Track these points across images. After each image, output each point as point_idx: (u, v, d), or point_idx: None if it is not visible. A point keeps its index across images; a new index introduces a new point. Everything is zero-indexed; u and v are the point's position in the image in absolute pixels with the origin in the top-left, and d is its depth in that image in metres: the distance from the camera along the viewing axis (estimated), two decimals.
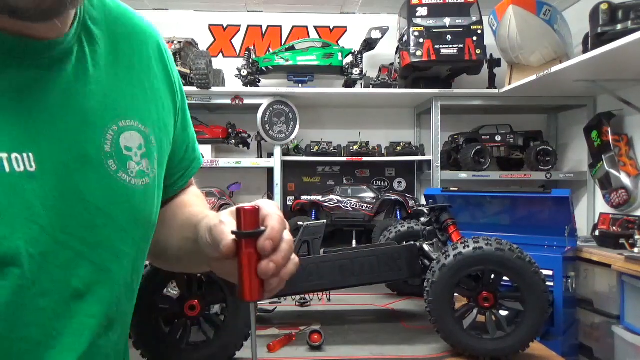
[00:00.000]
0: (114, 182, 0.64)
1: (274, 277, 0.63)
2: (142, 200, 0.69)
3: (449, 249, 1.30)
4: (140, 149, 0.68)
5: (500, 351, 1.26)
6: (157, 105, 0.73)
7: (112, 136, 0.64)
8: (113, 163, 0.64)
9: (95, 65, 0.64)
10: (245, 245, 0.62)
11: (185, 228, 0.79)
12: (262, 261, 0.62)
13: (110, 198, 0.64)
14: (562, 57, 2.78)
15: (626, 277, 2.22)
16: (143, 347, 1.16)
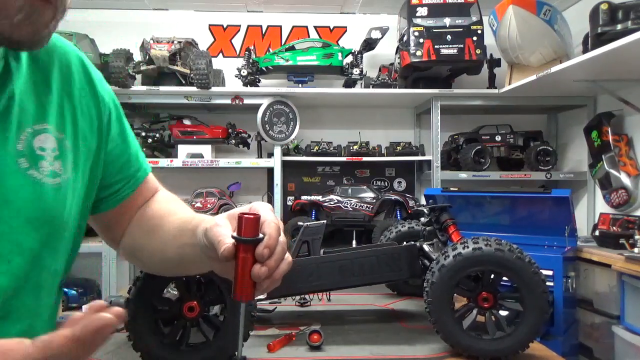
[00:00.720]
0: (24, 178, 0.69)
1: (266, 280, 0.68)
2: (53, 198, 0.73)
3: (449, 249, 1.30)
4: (54, 152, 0.73)
5: (500, 351, 1.26)
6: (74, 114, 0.79)
7: (26, 137, 0.70)
8: (25, 161, 0.69)
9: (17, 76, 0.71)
10: (243, 250, 0.67)
11: (180, 235, 0.83)
12: (255, 265, 0.67)
13: (18, 193, 0.68)
14: (562, 57, 2.78)
15: (626, 277, 2.22)
16: (142, 349, 1.16)
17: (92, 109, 0.83)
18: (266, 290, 0.71)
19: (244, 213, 0.68)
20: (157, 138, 3.13)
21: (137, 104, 3.21)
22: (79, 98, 0.81)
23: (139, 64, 3.02)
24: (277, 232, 0.69)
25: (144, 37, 3.02)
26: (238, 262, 0.67)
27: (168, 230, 0.87)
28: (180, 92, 3.08)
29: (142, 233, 0.92)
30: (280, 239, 0.70)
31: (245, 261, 0.67)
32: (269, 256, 0.67)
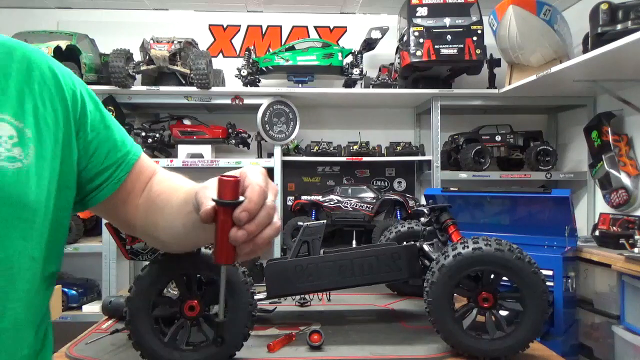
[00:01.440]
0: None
1: (246, 244, 0.67)
2: (13, 181, 0.77)
3: (449, 249, 1.30)
4: (11, 139, 0.78)
5: (500, 351, 1.26)
6: (35, 106, 0.84)
7: None
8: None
9: None
10: (221, 213, 0.66)
11: (185, 205, 0.85)
12: (232, 228, 0.66)
13: None
14: (562, 57, 2.78)
15: (626, 277, 2.22)
16: (143, 348, 1.16)
17: (57, 103, 0.87)
18: (249, 254, 0.70)
19: (224, 176, 0.67)
20: (157, 138, 3.13)
21: (137, 104, 3.21)
22: (40, 91, 0.85)
23: (139, 64, 3.02)
24: (260, 196, 0.68)
25: (144, 37, 3.02)
26: (217, 225, 0.66)
27: (176, 203, 0.90)
28: (180, 92, 3.08)
29: (152, 212, 0.95)
30: (267, 202, 0.69)
31: (224, 224, 0.66)
32: (248, 220, 0.66)
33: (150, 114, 3.45)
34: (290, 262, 1.42)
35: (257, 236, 0.68)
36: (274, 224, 0.70)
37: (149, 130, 3.16)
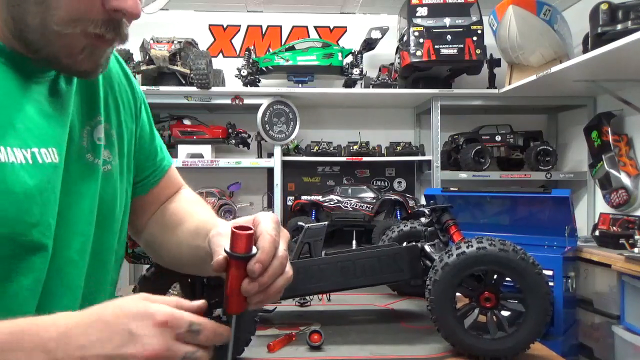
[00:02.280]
0: (93, 172, 0.78)
1: (258, 294, 0.68)
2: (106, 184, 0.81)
3: (452, 248, 1.30)
4: (101, 141, 0.81)
5: (501, 351, 1.26)
6: (117, 104, 0.86)
7: (87, 133, 0.78)
8: (90, 156, 0.78)
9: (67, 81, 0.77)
10: (234, 266, 0.66)
11: (195, 237, 0.86)
12: (245, 280, 0.67)
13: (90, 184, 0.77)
14: (562, 57, 2.78)
15: (626, 277, 2.22)
16: None
17: (130, 99, 0.91)
18: (261, 304, 0.70)
19: (238, 227, 0.67)
20: None
21: None
22: (119, 89, 0.88)
23: (139, 64, 3.01)
24: (272, 247, 0.68)
25: (144, 37, 3.02)
26: (229, 276, 0.66)
27: (186, 230, 0.91)
28: (180, 92, 3.08)
29: (161, 229, 0.97)
30: (279, 252, 0.70)
31: (235, 276, 0.66)
32: (261, 272, 0.67)
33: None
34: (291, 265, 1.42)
35: (269, 287, 0.68)
36: (286, 274, 0.71)
37: None
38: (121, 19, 0.69)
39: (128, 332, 0.55)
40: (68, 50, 0.67)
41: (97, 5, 0.66)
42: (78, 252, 0.75)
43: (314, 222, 3.03)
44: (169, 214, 0.98)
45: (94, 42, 0.68)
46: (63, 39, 0.66)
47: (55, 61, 0.68)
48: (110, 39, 0.69)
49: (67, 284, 0.73)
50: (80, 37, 0.66)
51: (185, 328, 0.57)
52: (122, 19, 0.69)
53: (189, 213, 0.95)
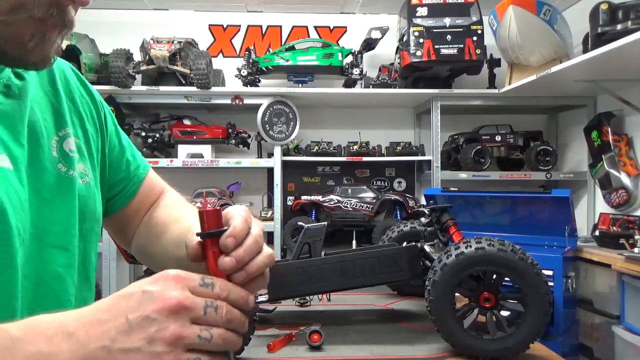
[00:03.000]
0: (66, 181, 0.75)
1: (239, 272, 0.64)
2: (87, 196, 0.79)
3: (451, 248, 1.30)
4: (75, 154, 0.79)
5: (501, 352, 1.26)
6: (81, 118, 0.85)
7: (57, 143, 0.76)
8: (62, 166, 0.76)
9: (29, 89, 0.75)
10: (208, 245, 0.64)
11: (179, 246, 0.83)
12: (220, 256, 0.64)
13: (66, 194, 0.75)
14: (562, 57, 2.78)
15: (626, 277, 2.22)
16: None
17: (93, 111, 0.88)
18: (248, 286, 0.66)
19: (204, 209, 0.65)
20: (157, 138, 3.13)
21: (137, 104, 3.21)
22: (81, 102, 0.85)
23: (139, 64, 3.02)
24: (244, 224, 0.66)
25: (144, 37, 3.02)
26: (207, 259, 0.64)
27: (169, 239, 0.89)
28: (180, 92, 3.08)
29: (147, 240, 0.95)
30: (253, 231, 0.66)
31: (213, 256, 0.64)
32: (236, 245, 0.64)
33: (150, 114, 3.45)
34: (291, 265, 1.42)
35: (249, 264, 0.65)
36: (266, 252, 0.67)
37: (149, 130, 3.16)
38: (67, 4, 0.67)
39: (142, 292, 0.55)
40: (17, 39, 0.64)
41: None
42: (64, 267, 0.73)
43: (314, 222, 3.03)
44: (152, 224, 0.96)
45: (41, 28, 0.65)
46: (9, 28, 0.63)
47: (3, 54, 0.65)
48: (53, 25, 0.66)
49: (56, 300, 0.72)
50: (28, 23, 0.64)
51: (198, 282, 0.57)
52: (68, 5, 0.67)
53: (170, 222, 0.92)
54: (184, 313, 0.54)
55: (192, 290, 0.56)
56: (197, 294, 0.56)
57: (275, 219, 3.16)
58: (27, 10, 0.63)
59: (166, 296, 0.54)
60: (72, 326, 0.52)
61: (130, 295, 0.55)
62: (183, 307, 0.54)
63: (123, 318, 0.53)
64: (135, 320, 0.53)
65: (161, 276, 0.56)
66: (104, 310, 0.54)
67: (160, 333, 0.52)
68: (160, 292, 0.54)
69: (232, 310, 0.58)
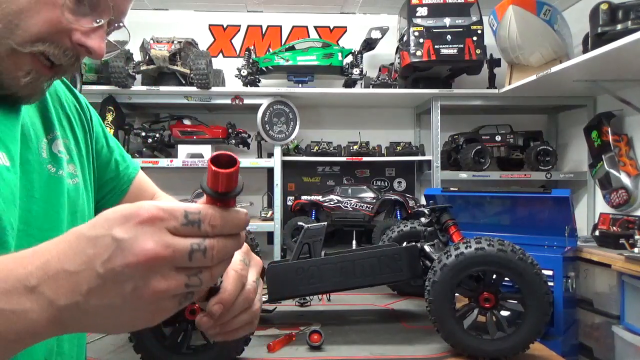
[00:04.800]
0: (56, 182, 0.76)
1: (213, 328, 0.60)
2: (76, 196, 0.80)
3: (451, 248, 1.30)
4: (65, 155, 0.80)
5: (501, 352, 1.26)
6: (69, 121, 0.86)
7: (46, 146, 0.77)
8: (52, 166, 0.76)
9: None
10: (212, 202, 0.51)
11: None
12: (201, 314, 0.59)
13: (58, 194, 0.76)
14: (562, 57, 2.78)
15: (626, 277, 2.22)
16: (144, 351, 1.16)
17: (81, 114, 0.90)
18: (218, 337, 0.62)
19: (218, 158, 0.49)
20: (157, 138, 3.13)
21: (137, 104, 3.21)
22: (68, 105, 0.87)
23: (139, 64, 3.02)
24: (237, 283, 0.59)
25: (144, 37, 3.02)
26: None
27: None
28: (180, 92, 3.08)
29: None
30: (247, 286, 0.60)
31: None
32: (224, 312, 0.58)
33: (150, 114, 3.45)
34: (291, 265, 1.42)
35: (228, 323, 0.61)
36: (251, 309, 0.62)
37: (149, 130, 3.16)
38: (82, 53, 0.69)
39: (112, 240, 0.45)
40: (13, 69, 0.66)
41: (64, 36, 0.67)
42: None
43: (314, 222, 3.03)
44: None
45: (41, 69, 0.68)
46: (13, 57, 0.65)
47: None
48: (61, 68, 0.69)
49: None
50: (29, 58, 0.66)
51: (181, 220, 0.46)
52: (83, 55, 0.70)
53: None
54: (163, 264, 0.45)
55: (173, 231, 0.46)
56: (181, 235, 0.46)
57: (275, 219, 3.16)
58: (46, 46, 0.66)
59: (139, 249, 0.44)
60: (34, 278, 0.45)
61: (97, 240, 0.45)
62: (162, 259, 0.44)
63: (92, 271, 0.45)
64: (107, 274, 0.44)
65: (133, 215, 0.45)
66: (70, 257, 0.46)
67: (139, 291, 0.45)
68: (132, 243, 0.44)
69: (225, 245, 0.48)
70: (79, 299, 0.45)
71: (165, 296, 0.46)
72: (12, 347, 0.47)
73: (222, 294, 0.58)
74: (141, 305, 0.46)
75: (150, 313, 0.47)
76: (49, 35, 0.66)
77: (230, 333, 0.62)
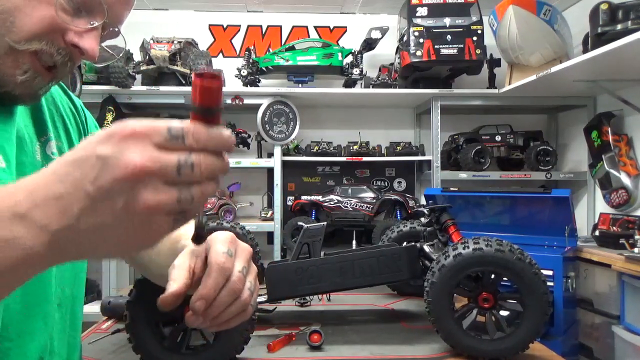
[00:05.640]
0: None
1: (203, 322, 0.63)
2: None
3: (449, 249, 1.30)
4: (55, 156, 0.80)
5: (500, 352, 1.26)
6: (64, 124, 0.87)
7: (40, 148, 0.78)
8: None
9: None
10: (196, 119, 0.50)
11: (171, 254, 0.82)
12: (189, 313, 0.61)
13: None
14: (562, 57, 2.78)
15: (626, 277, 2.22)
16: (143, 351, 1.16)
17: (76, 116, 0.91)
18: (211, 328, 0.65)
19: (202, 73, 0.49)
20: None
21: (137, 104, 3.21)
22: (63, 108, 0.87)
23: (139, 64, 3.02)
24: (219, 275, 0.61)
25: (144, 37, 3.02)
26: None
27: (162, 249, 0.87)
28: (180, 92, 3.08)
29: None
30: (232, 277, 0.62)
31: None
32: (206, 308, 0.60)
33: (150, 114, 3.44)
34: (291, 265, 1.42)
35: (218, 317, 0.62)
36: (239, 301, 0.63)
37: None
38: (76, 54, 0.70)
39: (97, 158, 0.44)
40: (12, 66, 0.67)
41: (58, 35, 0.68)
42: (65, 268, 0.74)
43: (314, 222, 3.03)
44: None
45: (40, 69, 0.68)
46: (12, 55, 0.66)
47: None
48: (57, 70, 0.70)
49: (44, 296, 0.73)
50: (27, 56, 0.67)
51: (164, 135, 0.45)
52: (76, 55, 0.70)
53: None
54: (152, 178, 0.44)
55: (159, 145, 0.45)
56: (167, 149, 0.45)
57: (275, 219, 3.16)
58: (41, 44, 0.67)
59: (125, 162, 0.43)
60: (23, 205, 0.45)
61: (82, 161, 0.45)
62: (149, 172, 0.43)
63: (82, 191, 0.44)
64: (96, 193, 0.44)
65: (114, 132, 0.45)
66: (57, 181, 0.45)
67: (130, 206, 0.44)
68: (116, 157, 0.43)
69: (213, 162, 0.47)
70: (72, 221, 0.44)
71: (158, 211, 0.44)
72: (11, 280, 0.47)
73: (202, 289, 0.60)
74: (135, 222, 0.45)
75: (145, 231, 0.46)
76: (43, 34, 0.66)
77: (222, 324, 0.63)
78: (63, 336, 0.79)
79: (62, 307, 0.78)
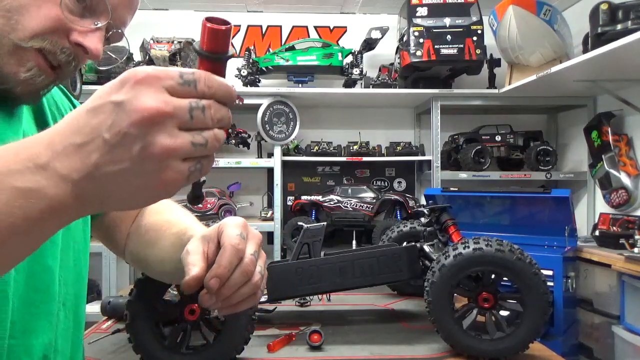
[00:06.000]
0: None
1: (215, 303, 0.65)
2: None
3: (449, 249, 1.30)
4: None
5: (500, 352, 1.26)
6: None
7: None
8: None
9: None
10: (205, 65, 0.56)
11: (175, 252, 0.83)
12: (203, 291, 0.63)
13: None
14: (562, 57, 2.78)
15: (626, 277, 2.22)
16: (143, 351, 1.16)
17: None
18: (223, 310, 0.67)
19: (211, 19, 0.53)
20: None
21: None
22: (65, 110, 0.87)
23: (138, 64, 3.02)
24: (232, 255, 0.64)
25: (144, 37, 3.02)
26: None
27: (164, 245, 0.88)
28: None
29: (141, 246, 0.94)
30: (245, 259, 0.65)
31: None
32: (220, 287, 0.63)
33: None
34: (291, 265, 1.42)
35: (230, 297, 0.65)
36: (251, 283, 0.65)
37: None
38: (80, 54, 0.70)
39: (112, 105, 0.45)
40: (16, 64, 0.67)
41: (62, 35, 0.68)
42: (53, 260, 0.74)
43: (313, 222, 3.03)
44: (144, 230, 0.95)
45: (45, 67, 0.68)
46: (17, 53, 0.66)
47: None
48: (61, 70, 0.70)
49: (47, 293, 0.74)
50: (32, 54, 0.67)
51: (177, 79, 0.46)
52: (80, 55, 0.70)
53: (163, 228, 0.92)
54: (167, 121, 0.45)
55: (171, 90, 0.46)
56: (178, 95, 0.46)
57: (275, 219, 3.16)
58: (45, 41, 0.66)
59: (140, 106, 0.44)
60: (43, 156, 0.46)
61: (98, 109, 0.46)
62: (164, 114, 0.45)
63: (99, 139, 0.45)
64: (114, 138, 0.44)
65: (127, 78, 0.46)
66: (74, 131, 0.46)
67: (148, 150, 0.45)
68: (132, 102, 0.44)
69: (220, 109, 0.50)
70: (91, 169, 0.45)
71: (174, 155, 0.46)
72: (38, 232, 0.48)
73: (217, 268, 0.62)
74: (152, 167, 0.46)
75: (162, 178, 0.46)
76: (48, 32, 0.66)
77: (233, 306, 0.65)
78: (67, 335, 0.80)
79: (66, 306, 0.79)
